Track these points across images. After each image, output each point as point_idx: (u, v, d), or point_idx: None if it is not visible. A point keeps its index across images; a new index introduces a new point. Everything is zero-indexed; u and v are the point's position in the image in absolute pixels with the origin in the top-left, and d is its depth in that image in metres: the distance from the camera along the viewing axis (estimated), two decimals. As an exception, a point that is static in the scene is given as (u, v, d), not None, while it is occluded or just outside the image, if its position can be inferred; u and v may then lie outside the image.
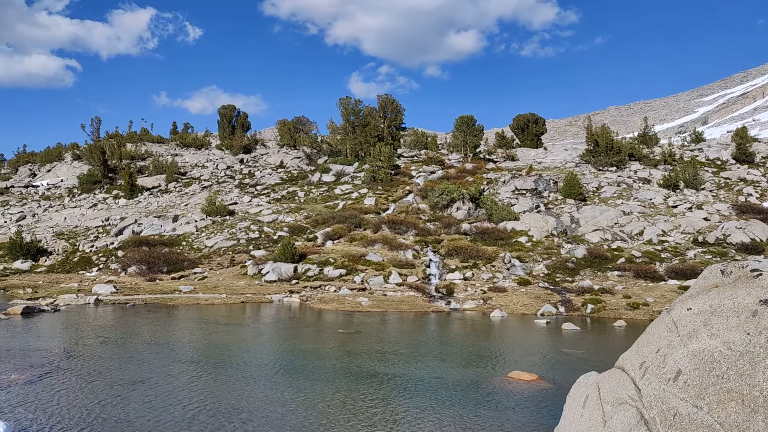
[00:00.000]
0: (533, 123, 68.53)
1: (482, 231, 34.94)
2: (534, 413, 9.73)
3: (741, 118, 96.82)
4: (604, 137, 48.67)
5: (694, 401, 2.66)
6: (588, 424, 3.49)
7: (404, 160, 56.48)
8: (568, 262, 29.98)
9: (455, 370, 13.13)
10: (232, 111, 71.56)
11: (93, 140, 60.12)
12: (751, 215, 34.79)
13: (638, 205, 38.33)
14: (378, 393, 10.90)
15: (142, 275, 29.85)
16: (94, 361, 13.01)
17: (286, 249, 30.01)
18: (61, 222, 42.72)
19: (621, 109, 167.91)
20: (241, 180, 52.47)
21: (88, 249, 35.50)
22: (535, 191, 42.12)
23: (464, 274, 28.72)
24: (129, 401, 9.89)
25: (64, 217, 43.75)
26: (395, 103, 58.31)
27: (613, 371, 3.60)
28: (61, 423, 8.65)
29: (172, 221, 39.12)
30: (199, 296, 25.36)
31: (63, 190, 54.42)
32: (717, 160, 48.72)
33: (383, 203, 41.76)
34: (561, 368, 13.44)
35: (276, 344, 16.45)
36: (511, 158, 55.91)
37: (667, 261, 29.53)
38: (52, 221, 43.34)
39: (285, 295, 26.29)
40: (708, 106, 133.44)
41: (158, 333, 17.09)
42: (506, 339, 18.47)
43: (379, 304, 24.37)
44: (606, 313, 23.38)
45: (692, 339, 2.93)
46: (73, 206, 47.91)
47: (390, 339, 17.66)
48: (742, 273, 2.98)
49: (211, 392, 10.62)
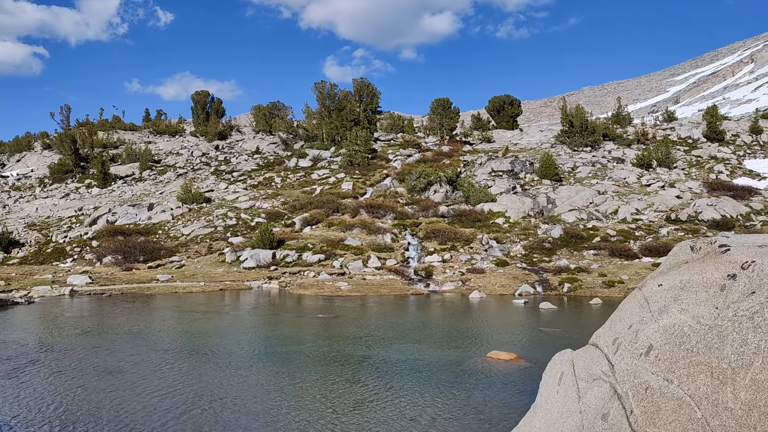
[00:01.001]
0: (509, 105, 68.75)
1: (460, 213, 35.11)
2: (512, 391, 9.87)
3: (711, 97, 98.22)
4: (578, 118, 49.06)
5: (664, 375, 2.71)
6: (563, 401, 3.55)
7: (381, 144, 56.35)
8: (545, 243, 30.30)
9: (435, 351, 13.25)
10: (206, 97, 70.55)
11: (63, 129, 58.88)
12: (721, 192, 35.46)
13: (613, 184, 38.81)
14: (358, 377, 10.95)
15: (118, 265, 29.49)
16: (71, 352, 12.86)
17: (264, 235, 29.86)
18: (33, 213, 41.93)
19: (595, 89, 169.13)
20: (217, 167, 51.94)
21: (62, 239, 34.93)
22: (512, 173, 42.38)
23: (443, 257, 28.88)
24: (107, 392, 9.82)
25: (36, 208, 42.94)
26: (371, 86, 57.99)
27: (587, 348, 3.65)
28: (39, 415, 8.56)
29: (147, 210, 38.63)
30: (177, 285, 25.16)
31: (34, 180, 53.35)
32: (689, 138, 49.44)
33: (361, 187, 41.69)
34: (539, 346, 13.64)
35: (255, 331, 16.42)
36: (487, 140, 56.09)
37: (641, 239, 30.01)
38: (24, 212, 42.51)
39: (264, 281, 26.21)
40: (679, 85, 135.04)
41: (136, 323, 16.94)
42: (485, 319, 18.67)
43: (359, 288, 24.42)
44: (582, 291, 23.73)
45: (663, 314, 2.98)
46: (44, 196, 47.03)
47: (370, 323, 17.74)
48: (711, 249, 3.04)
49: (189, 380, 10.58)
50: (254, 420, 8.39)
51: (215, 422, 8.27)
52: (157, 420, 8.36)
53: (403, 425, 8.14)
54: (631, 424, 2.74)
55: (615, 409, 2.89)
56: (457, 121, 59.50)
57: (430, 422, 8.26)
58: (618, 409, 2.87)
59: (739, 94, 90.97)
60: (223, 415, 8.58)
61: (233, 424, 8.18)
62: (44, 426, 8.12)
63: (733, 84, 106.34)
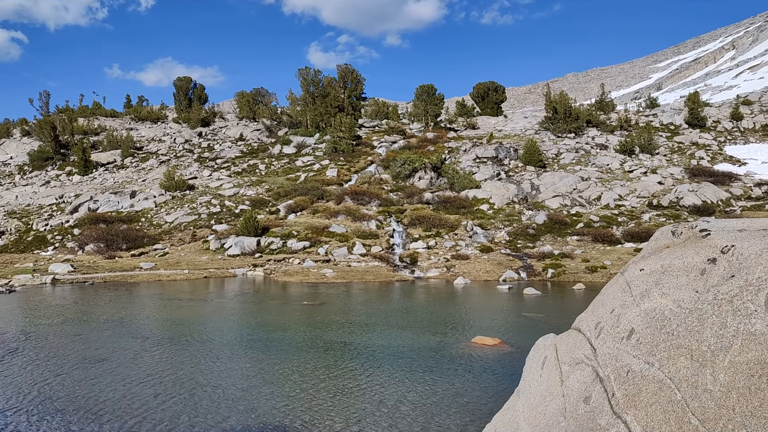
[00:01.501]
0: (493, 91, 68.76)
1: (445, 200, 35.18)
2: (496, 376, 9.95)
3: (693, 83, 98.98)
4: (562, 104, 49.24)
5: (646, 358, 2.73)
6: (546, 384, 3.58)
7: (366, 131, 56.18)
8: (529, 229, 30.48)
9: (420, 337, 13.31)
10: (188, 83, 69.68)
11: (42, 115, 58.00)
12: (702, 178, 35.86)
13: (596, 170, 39.07)
14: (340, 363, 10.98)
15: (100, 253, 29.21)
16: (52, 341, 12.74)
17: (249, 223, 29.72)
18: (13, 200, 41.34)
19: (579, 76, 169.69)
20: (200, 154, 51.49)
21: (43, 228, 34.51)
22: (496, 159, 42.49)
23: (427, 243, 28.96)
24: (87, 380, 9.75)
25: (16, 196, 42.33)
26: (355, 73, 57.68)
27: (570, 332, 3.68)
28: (21, 406, 8.48)
29: (129, 197, 38.25)
30: (160, 272, 24.99)
31: (13, 167, 52.53)
32: (670, 124, 49.86)
33: (345, 174, 41.59)
34: (522, 332, 13.75)
35: (240, 318, 16.37)
36: (471, 127, 56.13)
37: (624, 224, 30.30)
38: (3, 200, 41.90)
39: (249, 268, 26.12)
40: (662, 72, 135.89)
41: (118, 311, 16.81)
42: (469, 305, 18.77)
43: (344, 275, 24.43)
44: (566, 276, 23.94)
45: (644, 298, 3.01)
46: (24, 184, 46.36)
47: (355, 309, 17.76)
48: (692, 233, 3.06)
49: (173, 369, 10.53)
50: (233, 406, 8.38)
51: (195, 409, 8.26)
52: (138, 408, 8.32)
53: (384, 411, 8.18)
54: (613, 406, 2.76)
55: (597, 392, 2.92)
56: (441, 107, 59.45)
57: (412, 408, 8.30)
58: (600, 392, 2.90)
59: (721, 80, 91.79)
60: (203, 403, 8.56)
61: (213, 411, 8.17)
62: (21, 416, 8.05)
63: (715, 70, 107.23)
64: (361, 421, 7.81)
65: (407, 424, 7.64)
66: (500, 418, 3.92)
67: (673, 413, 2.42)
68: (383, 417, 7.96)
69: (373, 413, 8.12)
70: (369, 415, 8.07)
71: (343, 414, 8.10)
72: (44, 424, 7.73)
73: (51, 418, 7.96)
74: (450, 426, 7.60)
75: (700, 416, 2.32)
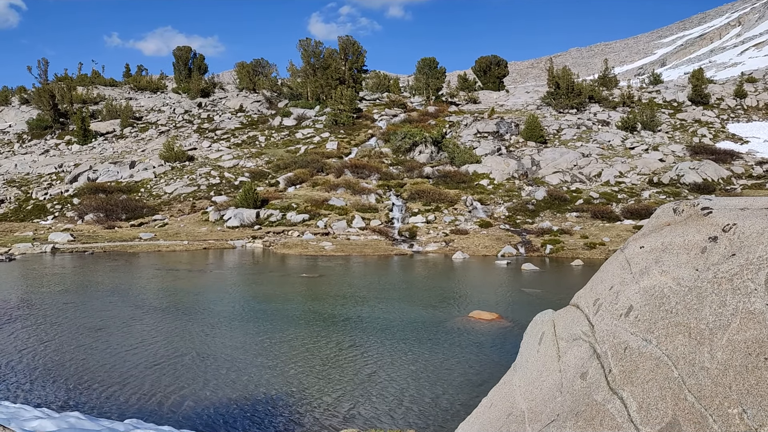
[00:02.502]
0: (495, 65, 68.12)
1: (445, 174, 35.10)
2: (493, 350, 10.03)
3: (698, 60, 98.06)
4: (565, 79, 48.82)
5: (643, 335, 2.74)
6: (543, 360, 3.59)
7: (366, 104, 55.79)
8: (529, 204, 30.48)
9: (417, 311, 13.38)
10: (188, 53, 68.90)
11: (41, 83, 57.47)
12: (704, 156, 35.73)
13: (597, 147, 38.92)
14: (340, 336, 11.05)
15: (100, 223, 29.23)
16: (54, 310, 12.82)
17: (248, 194, 29.68)
18: (12, 169, 41.23)
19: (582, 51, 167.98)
20: (200, 125, 51.20)
21: (42, 197, 34.48)
22: (497, 134, 42.29)
23: (427, 218, 28.97)
24: (90, 349, 9.83)
25: (15, 164, 42.21)
26: (357, 45, 57.05)
27: (568, 309, 3.69)
28: (23, 373, 8.56)
29: (129, 167, 38.15)
30: (160, 243, 25.04)
31: (12, 135, 52.28)
32: (674, 101, 49.52)
33: (345, 147, 41.42)
34: (520, 307, 13.83)
35: (239, 290, 16.45)
36: (473, 101, 55.76)
37: (624, 201, 30.29)
38: (2, 168, 41.78)
39: (248, 240, 26.17)
40: (666, 47, 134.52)
41: (119, 280, 16.89)
42: (468, 280, 18.85)
43: (343, 248, 24.49)
44: (564, 253, 24.01)
45: (644, 276, 3.00)
46: (23, 152, 46.18)
47: (353, 282, 17.84)
48: (693, 211, 3.04)
49: (173, 338, 10.61)
50: (230, 374, 8.46)
51: (193, 377, 8.33)
52: (138, 374, 8.40)
53: (382, 385, 8.25)
54: (609, 382, 2.78)
55: (594, 368, 2.93)
56: (443, 81, 58.94)
57: (409, 380, 8.38)
58: (597, 368, 2.91)
59: (726, 57, 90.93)
60: (191, 372, 8.64)
61: (210, 379, 8.25)
62: (15, 379, 8.13)
63: (720, 47, 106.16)
64: (352, 392, 7.89)
65: (398, 397, 7.72)
66: (496, 392, 3.95)
67: (669, 390, 2.43)
68: (374, 388, 8.04)
69: (364, 384, 8.20)
70: (360, 386, 8.14)
71: (340, 386, 8.17)
72: (36, 387, 7.81)
73: (43, 383, 8.04)
74: (445, 398, 7.68)
75: (696, 393, 2.33)
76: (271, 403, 7.48)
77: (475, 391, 7.68)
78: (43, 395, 7.64)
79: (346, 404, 7.48)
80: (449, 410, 7.27)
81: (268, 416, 7.06)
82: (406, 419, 7.01)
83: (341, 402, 7.55)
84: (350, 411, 7.28)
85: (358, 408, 7.37)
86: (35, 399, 7.47)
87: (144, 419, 6.64)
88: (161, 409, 7.23)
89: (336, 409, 7.34)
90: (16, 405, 6.36)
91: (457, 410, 7.15)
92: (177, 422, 6.73)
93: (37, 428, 4.90)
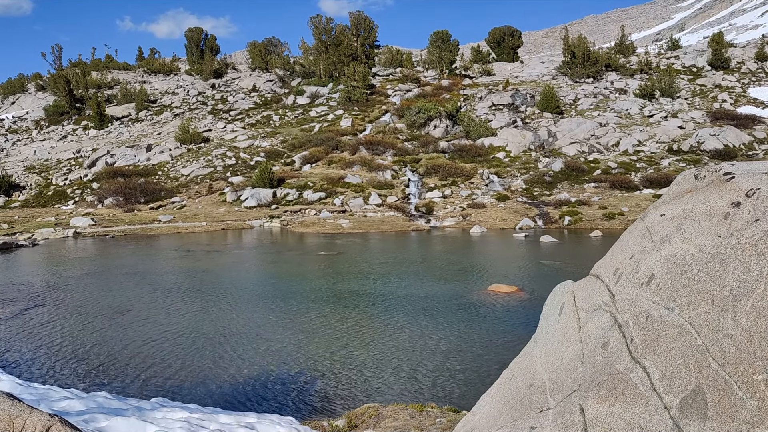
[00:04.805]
0: (509, 36, 67.06)
1: (460, 148, 34.87)
2: (513, 322, 10.04)
3: (717, 23, 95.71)
4: (580, 48, 47.98)
5: (665, 303, 2.71)
6: (564, 331, 3.58)
7: (379, 79, 55.38)
8: (546, 176, 30.23)
9: (436, 285, 13.41)
10: (199, 34, 68.70)
11: (56, 69, 57.81)
12: (725, 121, 35.06)
13: (614, 116, 38.35)
14: (361, 312, 11.13)
15: (119, 206, 29.56)
16: (78, 293, 13.04)
17: (264, 174, 29.77)
18: (31, 156, 41.72)
19: (598, 18, 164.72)
20: (214, 106, 51.25)
21: (62, 182, 34.90)
22: (512, 106, 41.82)
23: (443, 192, 28.88)
24: (116, 330, 10.00)
25: (34, 151, 42.69)
26: (368, 20, 56.50)
27: (588, 279, 3.66)
28: (50, 354, 8.75)
29: (145, 151, 38.40)
30: (179, 225, 25.28)
31: (30, 122, 52.78)
32: (693, 67, 48.50)
33: (360, 124, 41.25)
34: (539, 279, 13.80)
35: (258, 269, 16.60)
36: (487, 73, 55.08)
37: (642, 171, 29.90)
38: (22, 155, 42.29)
39: (265, 220, 26.32)
40: (685, 11, 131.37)
41: (141, 263, 17.11)
42: (486, 253, 18.83)
43: (360, 225, 24.55)
44: (583, 224, 23.84)
45: (665, 244, 2.96)
46: (41, 139, 46.66)
47: (372, 259, 17.90)
48: (715, 177, 2.98)
49: (195, 318, 10.76)
50: (253, 353, 8.57)
51: (218, 356, 8.46)
52: (163, 354, 8.55)
53: (403, 356, 8.32)
54: (631, 351, 2.76)
55: (615, 338, 2.91)
56: (456, 54, 58.22)
57: (431, 353, 8.43)
58: (618, 337, 2.89)
59: (746, 19, 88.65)
60: (224, 350, 8.76)
61: (234, 358, 8.36)
62: (53, 365, 8.31)
63: (740, 9, 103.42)
64: (375, 367, 7.96)
65: (418, 371, 7.78)
66: (517, 363, 3.96)
67: (692, 358, 2.41)
68: (394, 363, 8.10)
69: (386, 359, 8.27)
70: (392, 360, 8.22)
71: (366, 359, 8.25)
72: (64, 369, 7.98)
73: (70, 364, 8.21)
74: (466, 371, 7.72)
75: (720, 361, 2.30)
76: (294, 380, 7.58)
77: (496, 364, 7.71)
78: (71, 376, 7.81)
79: (369, 379, 7.56)
80: (471, 383, 7.31)
81: (291, 393, 7.16)
82: (428, 393, 7.07)
83: (363, 377, 7.63)
84: (373, 385, 7.35)
85: (381, 382, 7.45)
86: (63, 380, 7.64)
87: (170, 398, 6.76)
88: (186, 388, 7.36)
89: (358, 384, 7.42)
90: (45, 386, 6.51)
91: (478, 383, 7.19)
92: (201, 400, 6.85)
93: (66, 408, 5.02)
